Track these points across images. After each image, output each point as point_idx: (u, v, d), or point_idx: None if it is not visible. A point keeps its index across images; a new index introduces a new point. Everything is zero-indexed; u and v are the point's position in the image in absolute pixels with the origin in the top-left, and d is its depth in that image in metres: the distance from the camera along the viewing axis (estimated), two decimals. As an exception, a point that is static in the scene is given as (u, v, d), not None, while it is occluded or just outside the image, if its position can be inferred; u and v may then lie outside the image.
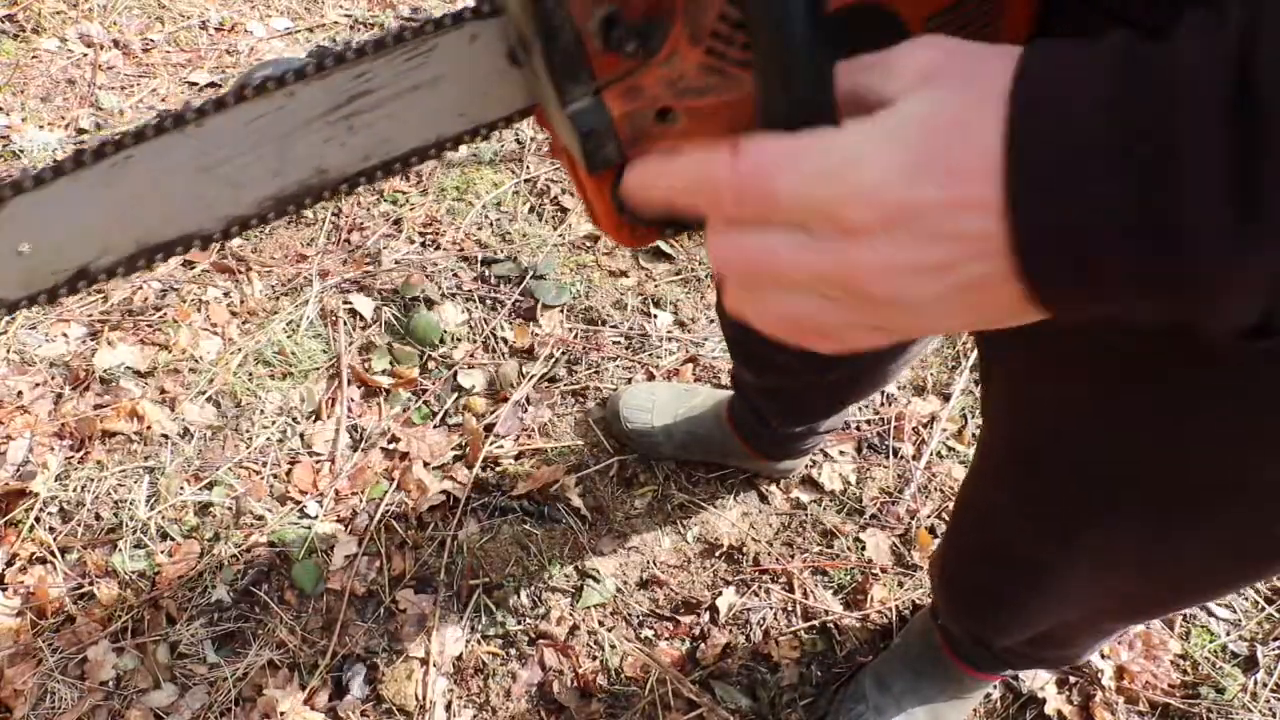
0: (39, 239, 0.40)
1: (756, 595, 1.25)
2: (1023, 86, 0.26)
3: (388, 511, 1.31)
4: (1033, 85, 0.26)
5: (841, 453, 1.39)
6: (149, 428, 1.38)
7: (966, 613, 0.95)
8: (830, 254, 0.29)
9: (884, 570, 1.27)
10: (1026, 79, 0.26)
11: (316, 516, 1.31)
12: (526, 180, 1.76)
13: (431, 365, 1.48)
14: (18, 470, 1.33)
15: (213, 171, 0.42)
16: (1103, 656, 1.18)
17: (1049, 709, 1.14)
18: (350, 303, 1.55)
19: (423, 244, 1.66)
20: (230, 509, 1.32)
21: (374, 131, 0.45)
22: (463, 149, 1.81)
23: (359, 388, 1.46)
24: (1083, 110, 0.24)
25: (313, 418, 1.42)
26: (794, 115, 0.32)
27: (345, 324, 1.53)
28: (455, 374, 1.47)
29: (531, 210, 1.72)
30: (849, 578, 1.27)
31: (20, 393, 1.41)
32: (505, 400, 1.43)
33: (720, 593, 1.25)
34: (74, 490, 1.32)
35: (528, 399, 1.44)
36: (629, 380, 1.47)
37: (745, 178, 0.31)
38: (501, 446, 1.39)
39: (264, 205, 0.45)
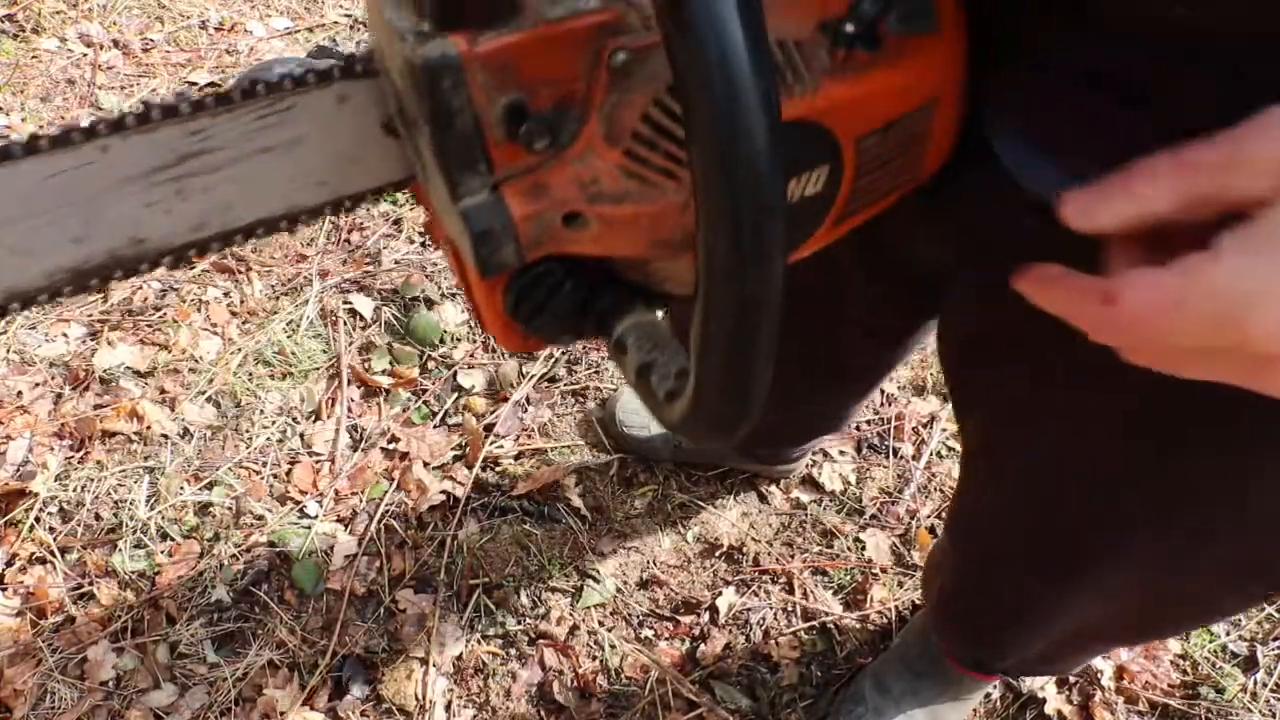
0: None
1: (756, 595, 1.25)
2: None
3: (388, 511, 1.32)
4: None
5: (841, 453, 1.39)
6: (149, 428, 1.38)
7: (962, 630, 0.96)
8: (1239, 374, 0.29)
9: (884, 570, 1.27)
10: None
11: (316, 516, 1.31)
12: (526, 180, 1.76)
13: (431, 365, 1.48)
14: (18, 470, 1.33)
15: None
16: (1103, 657, 1.18)
17: (1049, 709, 1.14)
18: (350, 303, 1.55)
19: (423, 244, 1.66)
20: (230, 509, 1.32)
21: (210, 198, 0.38)
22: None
23: (359, 388, 1.46)
24: None
25: (313, 418, 1.42)
26: (744, 231, 0.28)
27: (345, 324, 1.52)
28: (455, 374, 1.47)
29: (531, 210, 1.72)
30: (849, 578, 1.27)
31: (20, 393, 1.41)
32: (505, 400, 1.43)
33: (720, 593, 1.25)
34: (74, 490, 1.32)
35: (528, 399, 1.44)
36: (629, 380, 1.47)
37: (1127, 327, 0.29)
38: (501, 446, 1.39)
39: (57, 278, 0.37)
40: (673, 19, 0.26)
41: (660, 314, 0.43)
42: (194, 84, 2.03)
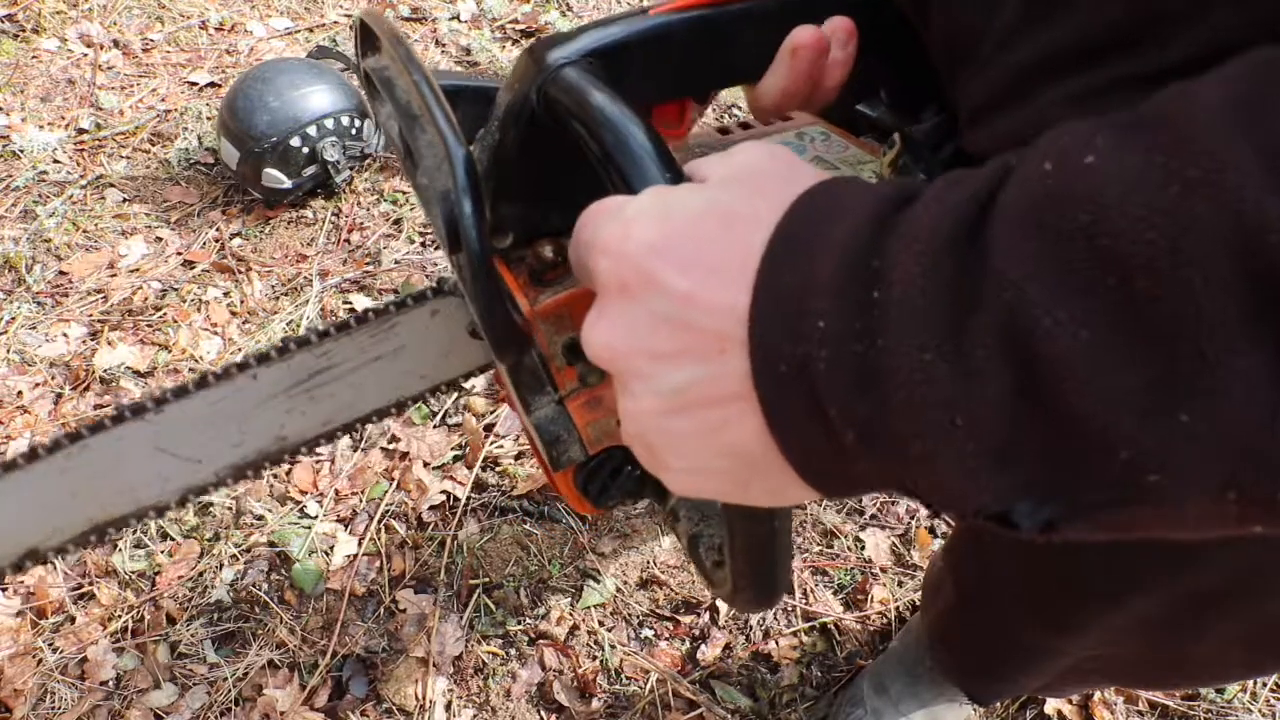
0: None
1: (756, 595, 1.25)
2: (797, 210, 0.25)
3: (388, 511, 1.31)
4: (801, 217, 0.25)
5: (841, 453, 1.39)
6: (149, 428, 1.38)
7: (961, 663, 0.98)
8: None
9: (884, 570, 1.27)
10: (808, 203, 0.25)
11: (316, 516, 1.31)
12: (526, 180, 1.76)
13: (431, 365, 1.48)
14: (18, 470, 1.33)
15: (171, 450, 0.44)
16: (1102, 657, 1.18)
17: (1049, 709, 1.14)
18: (350, 303, 1.55)
19: (423, 244, 1.66)
20: (230, 509, 1.32)
21: (336, 400, 0.47)
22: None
23: (359, 388, 1.45)
24: (827, 248, 0.23)
25: (313, 418, 1.42)
26: None
27: (345, 324, 1.52)
28: (455, 374, 1.47)
29: (531, 210, 1.72)
30: (849, 578, 1.27)
31: (20, 393, 1.41)
32: (505, 400, 1.43)
33: (720, 593, 1.25)
34: (74, 490, 1.32)
35: (528, 399, 1.44)
36: (629, 380, 1.47)
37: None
38: (501, 446, 1.39)
39: (221, 474, 0.46)
40: None
41: None
42: (194, 84, 2.03)
